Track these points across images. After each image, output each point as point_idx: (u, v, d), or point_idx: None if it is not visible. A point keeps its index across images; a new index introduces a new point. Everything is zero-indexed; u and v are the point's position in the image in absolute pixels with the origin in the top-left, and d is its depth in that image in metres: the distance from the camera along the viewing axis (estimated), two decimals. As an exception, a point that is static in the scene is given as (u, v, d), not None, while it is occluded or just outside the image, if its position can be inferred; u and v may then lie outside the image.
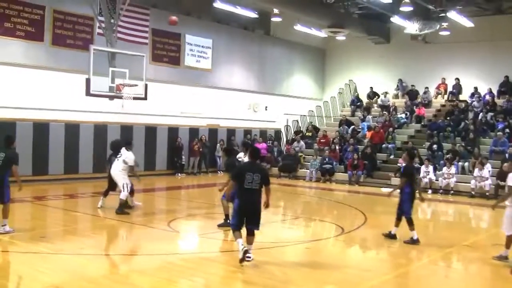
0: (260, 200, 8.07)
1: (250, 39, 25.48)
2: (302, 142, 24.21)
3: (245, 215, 7.99)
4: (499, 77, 23.87)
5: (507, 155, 19.01)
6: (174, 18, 15.66)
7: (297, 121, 26.98)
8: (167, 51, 21.56)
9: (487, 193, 17.62)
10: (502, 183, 16.07)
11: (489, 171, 17.98)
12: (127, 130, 19.84)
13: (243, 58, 25.04)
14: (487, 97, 23.51)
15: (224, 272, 8.04)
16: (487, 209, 16.06)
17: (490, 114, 22.23)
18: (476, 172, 17.95)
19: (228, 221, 10.96)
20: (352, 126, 24.58)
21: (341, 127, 24.74)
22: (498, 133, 20.30)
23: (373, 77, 27.60)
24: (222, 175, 22.30)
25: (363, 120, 24.75)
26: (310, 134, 25.36)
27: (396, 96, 27.01)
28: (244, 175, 7.93)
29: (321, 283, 7.48)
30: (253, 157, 8.39)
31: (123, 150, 12.54)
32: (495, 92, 23.75)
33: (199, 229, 11.71)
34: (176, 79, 21.96)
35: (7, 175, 9.65)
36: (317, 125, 26.96)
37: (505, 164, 13.55)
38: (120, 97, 15.99)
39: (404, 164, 11.06)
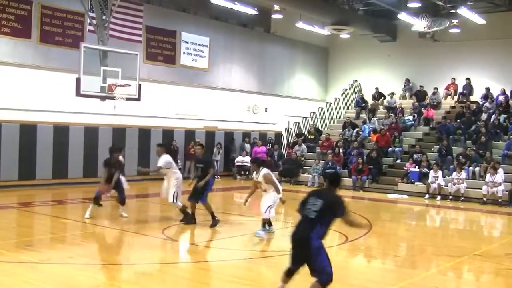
0: (313, 236, 6.11)
1: (249, 37, 25.50)
2: (303, 146, 24.21)
3: (294, 254, 6.36)
4: (512, 77, 23.92)
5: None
6: None
7: (298, 123, 26.99)
8: (161, 49, 21.58)
9: (499, 200, 17.62)
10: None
11: (501, 176, 17.98)
12: (119, 133, 19.84)
13: (242, 57, 25.06)
14: (500, 98, 23.51)
15: (221, 282, 8.02)
16: (500, 217, 16.09)
17: (503, 116, 22.22)
18: (488, 177, 17.95)
19: (216, 218, 11.87)
20: (357, 129, 24.59)
21: (345, 130, 24.75)
22: (512, 136, 20.37)
23: (379, 77, 27.61)
24: (219, 180, 22.30)
25: (364, 122, 24.74)
26: (312, 137, 25.37)
27: (403, 97, 27.00)
28: (307, 200, 6.43)
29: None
30: (332, 184, 6.63)
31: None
32: (508, 92, 23.72)
33: (195, 237, 11.69)
34: (171, 79, 21.98)
35: None
36: (320, 128, 26.97)
37: None
38: (112, 98, 15.99)
39: None
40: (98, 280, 7.88)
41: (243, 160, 23.53)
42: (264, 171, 11.00)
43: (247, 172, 23.59)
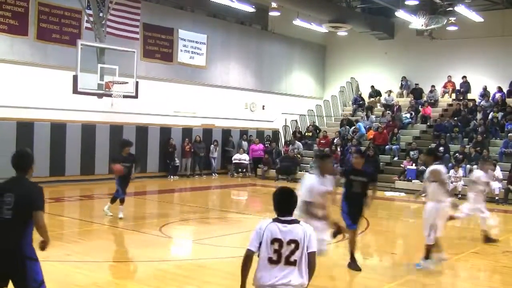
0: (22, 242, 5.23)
1: (247, 34, 25.49)
2: (298, 143, 24.13)
3: None
4: (510, 75, 23.94)
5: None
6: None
7: (296, 121, 27.00)
8: (159, 47, 21.55)
9: (496, 197, 17.67)
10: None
11: (500, 172, 18.09)
12: (116, 130, 19.82)
13: (239, 55, 25.05)
14: (497, 95, 23.54)
15: (219, 279, 8.04)
16: (496, 214, 16.13)
17: (500, 114, 22.24)
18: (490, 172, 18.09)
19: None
20: (354, 127, 24.60)
21: (342, 127, 24.77)
22: (509, 134, 20.38)
23: (376, 74, 27.63)
24: (216, 177, 22.24)
25: (360, 120, 24.72)
26: (310, 134, 25.39)
27: (401, 95, 27.05)
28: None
29: (321, 292, 7.47)
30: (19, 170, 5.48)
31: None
32: (505, 90, 23.74)
33: (193, 234, 11.71)
34: (169, 77, 21.94)
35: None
36: (317, 125, 26.96)
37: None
38: (110, 95, 16.00)
39: None
40: (95, 278, 7.89)
41: (240, 157, 23.54)
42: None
43: (244, 170, 23.62)
